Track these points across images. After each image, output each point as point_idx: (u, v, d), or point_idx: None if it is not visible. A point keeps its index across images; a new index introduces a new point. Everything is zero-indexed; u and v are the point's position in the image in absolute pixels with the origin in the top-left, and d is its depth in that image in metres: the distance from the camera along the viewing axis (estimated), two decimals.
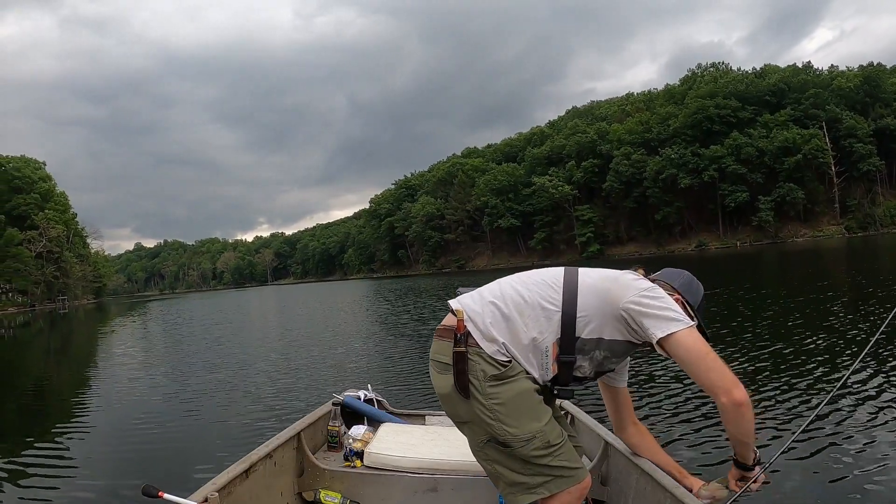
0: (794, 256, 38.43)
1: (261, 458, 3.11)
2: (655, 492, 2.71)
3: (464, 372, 2.21)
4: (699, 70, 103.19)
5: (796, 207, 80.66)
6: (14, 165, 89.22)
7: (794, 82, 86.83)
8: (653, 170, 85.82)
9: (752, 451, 2.37)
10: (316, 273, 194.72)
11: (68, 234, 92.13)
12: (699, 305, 2.50)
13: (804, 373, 7.23)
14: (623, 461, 3.12)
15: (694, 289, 2.52)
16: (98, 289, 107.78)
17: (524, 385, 2.22)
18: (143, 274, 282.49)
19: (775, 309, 13.03)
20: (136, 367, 11.80)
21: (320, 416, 3.93)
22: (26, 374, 13.78)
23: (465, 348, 2.22)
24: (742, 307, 13.80)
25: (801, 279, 20.58)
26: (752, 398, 5.61)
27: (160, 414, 7.17)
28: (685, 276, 2.57)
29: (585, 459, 3.53)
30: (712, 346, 2.25)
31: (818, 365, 7.50)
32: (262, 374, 9.61)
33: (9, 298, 79.87)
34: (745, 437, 2.30)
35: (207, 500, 2.58)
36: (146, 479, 3.97)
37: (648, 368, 8.07)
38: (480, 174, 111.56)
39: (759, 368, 7.70)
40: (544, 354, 2.30)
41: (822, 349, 8.38)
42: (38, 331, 35.25)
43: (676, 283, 2.51)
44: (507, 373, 2.21)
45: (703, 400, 6.19)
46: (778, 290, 17.38)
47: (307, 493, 3.43)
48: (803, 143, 78.42)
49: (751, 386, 6.75)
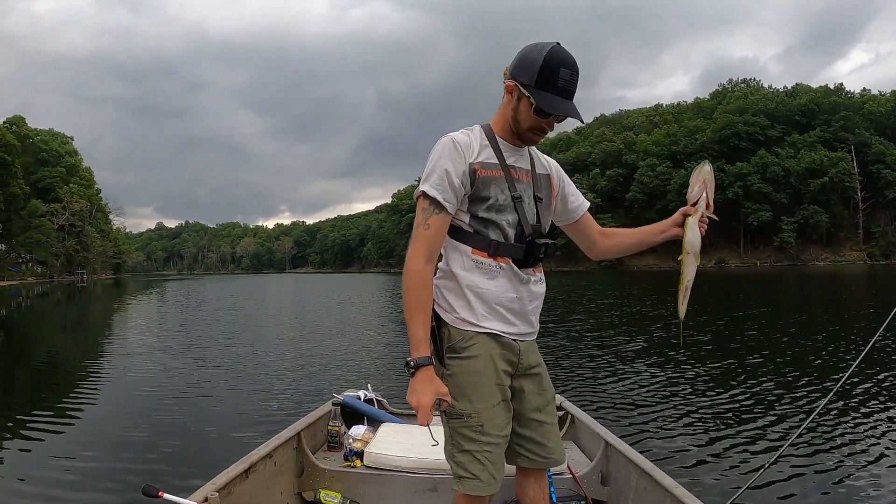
0: (815, 280, 38.12)
1: (261, 458, 3.09)
2: (655, 492, 2.70)
3: (434, 341, 2.17)
4: (730, 85, 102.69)
5: (819, 231, 79.97)
6: (42, 138, 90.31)
7: (824, 103, 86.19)
8: (677, 183, 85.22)
9: (413, 341, 2.08)
10: (334, 264, 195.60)
11: (91, 209, 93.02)
12: (538, 79, 2.03)
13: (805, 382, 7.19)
14: (623, 461, 3.10)
15: (528, 63, 2.05)
16: (117, 265, 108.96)
17: (476, 366, 2.15)
18: (162, 253, 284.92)
19: (789, 332, 12.95)
20: (140, 357, 11.79)
21: (320, 416, 3.92)
22: (30, 350, 13.91)
23: (434, 321, 2.18)
24: (756, 330, 13.72)
25: (823, 304, 20.41)
26: (756, 407, 5.55)
27: (160, 413, 7.17)
28: (519, 53, 2.11)
29: (585, 459, 3.51)
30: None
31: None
32: (263, 373, 9.59)
33: (28, 269, 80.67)
34: (405, 309, 2.11)
35: (207, 500, 2.57)
36: (146, 478, 3.98)
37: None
38: None
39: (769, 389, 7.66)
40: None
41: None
42: (56, 302, 35.61)
43: (510, 66, 2.13)
44: (462, 343, 2.16)
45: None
46: (799, 313, 17.26)
47: (307, 493, 3.41)
48: (830, 166, 77.81)
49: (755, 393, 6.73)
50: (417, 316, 2.07)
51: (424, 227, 2.08)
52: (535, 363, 2.30)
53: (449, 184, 2.07)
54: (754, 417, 5.73)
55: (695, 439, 5.28)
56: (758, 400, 6.22)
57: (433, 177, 2.09)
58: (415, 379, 2.04)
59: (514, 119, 2.15)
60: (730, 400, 6.40)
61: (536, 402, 2.28)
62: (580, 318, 16.68)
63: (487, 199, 2.12)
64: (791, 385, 6.74)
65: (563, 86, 2.05)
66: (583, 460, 3.51)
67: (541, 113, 2.08)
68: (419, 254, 2.07)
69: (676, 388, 7.05)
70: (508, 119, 2.17)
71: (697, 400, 6.44)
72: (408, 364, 2.05)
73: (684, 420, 5.89)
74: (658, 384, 7.47)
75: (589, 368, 8.37)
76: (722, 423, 5.66)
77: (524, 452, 2.29)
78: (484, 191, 2.12)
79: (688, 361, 8.22)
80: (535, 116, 2.09)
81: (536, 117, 2.09)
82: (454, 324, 2.17)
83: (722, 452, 4.84)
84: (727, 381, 7.17)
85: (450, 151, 2.10)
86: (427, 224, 2.08)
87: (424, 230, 2.08)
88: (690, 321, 14.35)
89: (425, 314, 2.09)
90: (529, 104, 2.08)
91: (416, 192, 2.12)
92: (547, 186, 2.32)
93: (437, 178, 2.08)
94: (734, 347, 8.89)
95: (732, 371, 7.55)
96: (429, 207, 2.08)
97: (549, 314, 17.67)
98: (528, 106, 2.08)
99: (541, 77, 2.03)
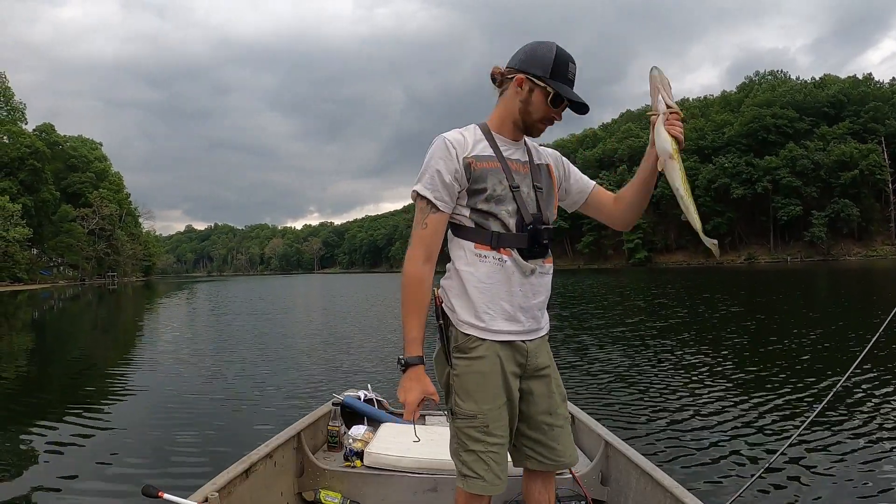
0: (842, 276, 37.55)
1: (261, 458, 3.12)
2: (655, 492, 2.70)
3: (442, 340, 2.24)
4: (757, 77, 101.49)
5: (850, 225, 78.55)
6: (71, 145, 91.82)
7: (853, 94, 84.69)
8: (705, 178, 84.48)
9: (406, 340, 2.14)
10: (362, 264, 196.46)
11: (121, 213, 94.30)
12: (552, 71, 2.12)
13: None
14: (623, 461, 3.10)
15: (539, 56, 2.14)
16: (147, 267, 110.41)
17: (482, 366, 2.16)
18: (192, 255, 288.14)
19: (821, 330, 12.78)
20: (144, 358, 11.93)
21: (320, 416, 3.94)
22: (47, 353, 14.08)
23: (442, 321, 2.24)
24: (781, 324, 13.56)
25: (838, 301, 20.13)
26: (766, 400, 5.49)
27: (160, 413, 7.22)
28: (525, 47, 2.20)
29: (585, 459, 3.51)
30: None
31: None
32: (263, 373, 9.64)
33: (60, 272, 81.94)
34: (402, 308, 2.17)
35: (207, 500, 2.60)
36: (146, 479, 4.03)
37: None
38: None
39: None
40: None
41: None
42: (86, 304, 36.18)
43: (516, 60, 2.19)
44: (468, 344, 2.18)
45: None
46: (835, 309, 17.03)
47: (307, 493, 3.43)
48: (861, 158, 76.42)
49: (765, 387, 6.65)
50: (412, 316, 2.13)
51: (422, 227, 2.14)
52: (545, 364, 2.30)
53: (441, 182, 2.12)
54: (755, 417, 5.68)
55: (695, 439, 5.25)
56: (758, 400, 6.16)
57: (425, 177, 2.14)
58: (405, 376, 2.11)
59: (523, 111, 2.20)
60: (730, 400, 6.34)
61: (546, 404, 2.28)
62: (581, 317, 16.63)
63: (485, 191, 2.15)
64: (792, 385, 6.64)
65: (571, 78, 2.16)
66: (583, 460, 3.50)
67: (556, 101, 2.15)
68: (417, 254, 2.14)
69: (677, 388, 7.00)
70: (515, 112, 2.21)
71: (697, 400, 6.40)
72: (399, 361, 2.13)
73: (684, 420, 5.86)
74: (658, 384, 7.43)
75: (589, 368, 8.31)
76: (722, 422, 5.62)
77: (533, 455, 2.30)
78: (480, 182, 2.15)
79: (688, 361, 8.15)
80: (548, 106, 2.16)
81: (549, 107, 2.16)
82: (459, 326, 2.19)
83: (722, 452, 4.81)
84: (727, 380, 7.08)
85: (441, 151, 2.14)
86: (425, 223, 2.14)
87: (422, 230, 2.14)
88: (695, 320, 14.26)
89: (420, 314, 2.14)
90: (544, 94, 2.14)
91: (412, 192, 2.17)
92: (547, 176, 2.33)
93: (428, 178, 2.13)
94: (734, 347, 8.78)
95: (733, 371, 7.46)
96: (425, 207, 2.14)
97: (548, 312, 17.60)
98: (543, 96, 2.15)
99: (554, 69, 2.12)
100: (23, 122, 78.72)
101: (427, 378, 2.12)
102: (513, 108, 2.21)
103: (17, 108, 78.24)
